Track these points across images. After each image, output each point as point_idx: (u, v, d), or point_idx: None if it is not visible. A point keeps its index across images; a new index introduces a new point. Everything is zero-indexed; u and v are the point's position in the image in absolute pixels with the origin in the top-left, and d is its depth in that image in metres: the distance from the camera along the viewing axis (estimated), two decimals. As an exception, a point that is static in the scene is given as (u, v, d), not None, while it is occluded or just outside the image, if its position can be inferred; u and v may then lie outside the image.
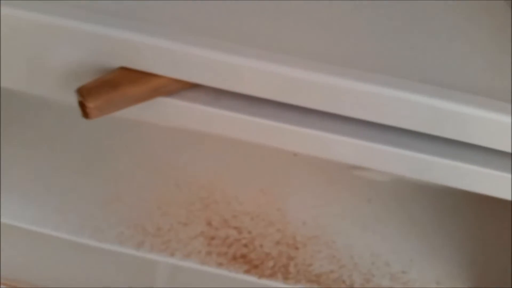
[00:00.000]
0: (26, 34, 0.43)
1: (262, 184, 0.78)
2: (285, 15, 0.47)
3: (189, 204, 0.76)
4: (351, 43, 0.45)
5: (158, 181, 0.78)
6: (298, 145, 0.48)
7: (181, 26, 0.43)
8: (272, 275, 0.70)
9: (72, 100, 0.43)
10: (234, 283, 0.70)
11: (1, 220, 0.69)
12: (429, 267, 0.74)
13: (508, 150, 0.44)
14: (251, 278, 0.70)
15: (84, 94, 0.41)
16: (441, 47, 0.47)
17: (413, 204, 0.79)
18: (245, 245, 0.72)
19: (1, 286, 0.77)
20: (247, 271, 0.70)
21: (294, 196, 0.77)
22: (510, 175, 0.46)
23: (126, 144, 0.81)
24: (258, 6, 0.47)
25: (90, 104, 0.41)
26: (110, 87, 0.42)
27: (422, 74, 0.43)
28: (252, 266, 0.71)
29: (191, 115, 0.46)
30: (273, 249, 0.72)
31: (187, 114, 0.46)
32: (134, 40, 0.41)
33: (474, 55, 0.47)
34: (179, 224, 0.74)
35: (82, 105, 0.42)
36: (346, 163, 0.49)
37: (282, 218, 0.75)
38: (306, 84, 0.41)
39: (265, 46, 0.42)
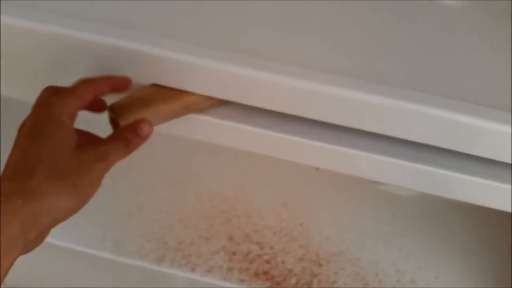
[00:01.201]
0: (54, 49, 0.43)
1: (284, 198, 0.77)
2: (309, 31, 0.46)
3: (211, 217, 0.75)
4: (367, 57, 0.44)
5: (179, 194, 0.77)
6: (324, 161, 0.47)
7: (212, 43, 0.42)
8: (295, 292, 0.69)
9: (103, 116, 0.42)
10: (257, 300, 0.69)
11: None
12: (455, 284, 0.72)
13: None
14: (274, 295, 0.69)
15: (117, 111, 0.40)
16: (460, 59, 0.45)
17: (439, 219, 0.77)
18: (267, 261, 0.71)
19: (21, 299, 0.76)
20: (269, 288, 0.69)
21: (317, 211, 0.76)
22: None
23: (148, 156, 0.80)
24: (287, 22, 0.46)
25: (123, 122, 0.40)
26: (142, 104, 0.41)
27: (440, 87, 0.42)
28: (275, 283, 0.69)
29: (220, 131, 0.45)
30: (295, 265, 0.71)
31: (217, 130, 0.45)
32: (166, 57, 0.40)
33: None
34: (200, 238, 0.73)
35: (113, 122, 0.41)
36: (368, 178, 0.48)
37: (305, 234, 0.74)
38: (334, 99, 0.41)
39: (292, 62, 0.41)
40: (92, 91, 0.39)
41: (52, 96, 0.38)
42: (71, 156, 0.36)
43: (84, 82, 0.39)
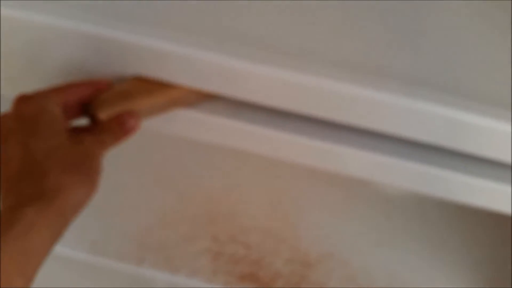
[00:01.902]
0: (32, 35, 0.39)
1: (273, 197, 0.74)
2: (304, 21, 0.42)
3: (194, 217, 0.71)
4: (365, 48, 0.41)
5: (161, 192, 0.73)
6: (318, 160, 0.44)
7: (200, 32, 0.38)
8: (283, 296, 0.65)
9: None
10: (242, 304, 0.65)
11: None
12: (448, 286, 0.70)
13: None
14: (261, 299, 0.65)
15: (96, 105, 0.37)
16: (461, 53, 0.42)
17: (432, 220, 0.75)
18: (254, 263, 0.67)
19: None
20: (256, 291, 0.66)
21: (307, 211, 0.73)
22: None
23: (128, 152, 0.76)
24: (284, 13, 0.42)
25: (102, 116, 0.36)
26: (123, 98, 0.37)
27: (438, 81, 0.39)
28: (262, 285, 0.66)
29: (208, 128, 0.41)
30: (284, 267, 0.67)
31: (205, 126, 0.41)
32: (149, 46, 0.37)
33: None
34: (183, 239, 0.69)
35: (93, 117, 0.38)
36: (363, 178, 0.46)
37: (293, 234, 0.70)
38: (327, 92, 0.38)
39: (285, 53, 0.38)
40: (74, 88, 0.38)
41: (33, 95, 0.36)
42: (72, 145, 0.35)
43: (65, 83, 0.38)
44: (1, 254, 0.30)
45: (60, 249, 0.66)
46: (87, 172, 0.35)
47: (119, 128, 0.38)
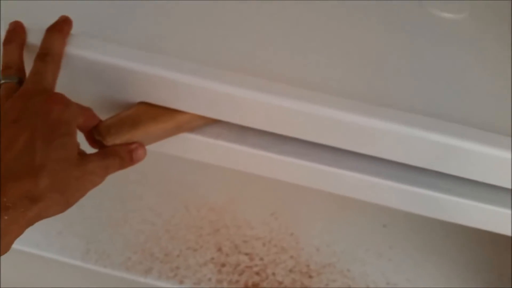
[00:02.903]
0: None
1: (273, 208, 0.76)
2: (308, 51, 0.44)
3: (199, 228, 0.73)
4: (362, 75, 0.43)
5: (166, 204, 0.75)
6: (320, 183, 0.46)
7: (206, 60, 0.40)
8: (285, 305, 0.68)
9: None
10: (246, 313, 0.68)
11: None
12: (444, 295, 0.71)
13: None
14: (264, 308, 0.67)
15: (103, 131, 0.38)
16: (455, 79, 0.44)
17: (429, 230, 0.77)
18: (257, 273, 0.70)
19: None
20: (259, 301, 0.68)
21: (307, 221, 0.75)
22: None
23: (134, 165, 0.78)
24: (287, 41, 0.44)
25: (110, 141, 0.38)
26: (130, 125, 0.39)
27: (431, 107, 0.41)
28: (264, 295, 0.68)
29: (213, 151, 0.43)
30: (286, 277, 0.70)
31: (210, 150, 0.43)
32: (156, 74, 0.38)
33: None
34: (188, 250, 0.71)
35: (98, 143, 0.39)
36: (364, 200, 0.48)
37: (295, 244, 0.72)
38: (328, 121, 0.39)
39: (289, 82, 0.39)
40: (92, 112, 0.39)
41: (67, 101, 0.37)
42: (73, 165, 0.36)
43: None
44: None
45: (69, 258, 0.69)
46: (68, 199, 0.36)
47: (128, 155, 0.40)
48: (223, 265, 0.70)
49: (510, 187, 0.41)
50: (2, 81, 0.38)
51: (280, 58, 0.42)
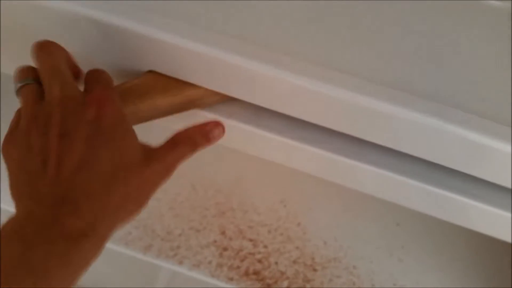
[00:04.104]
0: (40, 20, 0.37)
1: (283, 195, 0.73)
2: (335, 30, 0.40)
3: (204, 208, 0.71)
4: (397, 60, 0.39)
5: (173, 180, 0.72)
6: (335, 174, 0.43)
7: (225, 30, 0.36)
8: (285, 297, 0.65)
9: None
10: (244, 301, 0.65)
11: (2, 206, 0.64)
12: (453, 302, 0.68)
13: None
14: (263, 298, 0.65)
15: None
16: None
17: (444, 232, 0.73)
18: (259, 261, 0.67)
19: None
20: (259, 290, 0.65)
21: (317, 212, 0.72)
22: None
23: (144, 137, 0.76)
24: (315, 19, 0.40)
25: None
26: (136, 96, 0.36)
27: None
28: (265, 284, 0.66)
29: (227, 132, 0.40)
30: (289, 268, 0.67)
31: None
32: (168, 41, 0.35)
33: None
34: (191, 230, 0.69)
35: None
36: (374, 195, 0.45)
37: (302, 235, 0.69)
38: (351, 106, 0.35)
39: (315, 62, 0.36)
40: None
41: (109, 93, 0.33)
42: (142, 166, 0.33)
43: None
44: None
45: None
46: (146, 197, 0.34)
47: (205, 138, 0.37)
48: (225, 249, 0.67)
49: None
50: (19, 84, 0.34)
51: (300, 36, 0.39)
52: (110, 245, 0.67)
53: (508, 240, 0.44)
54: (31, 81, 0.34)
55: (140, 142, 0.34)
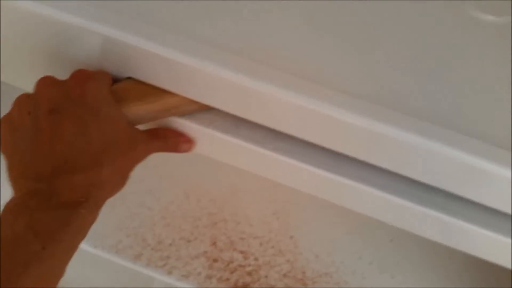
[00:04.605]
0: (30, 26, 0.38)
1: (276, 207, 0.72)
2: (322, 42, 0.40)
3: (196, 218, 0.70)
4: (388, 77, 0.38)
5: (167, 189, 0.72)
6: (318, 189, 0.43)
7: (204, 39, 0.36)
8: (274, 311, 0.64)
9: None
10: (232, 314, 0.64)
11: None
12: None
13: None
14: (251, 311, 0.64)
15: None
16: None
17: (438, 250, 0.72)
18: (249, 273, 0.66)
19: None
20: (247, 303, 0.64)
21: (310, 225, 0.71)
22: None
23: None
24: (297, 31, 0.40)
25: None
26: (115, 101, 0.36)
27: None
28: (254, 297, 0.65)
29: (202, 140, 0.40)
30: (279, 282, 0.66)
31: (199, 138, 0.40)
32: (146, 49, 0.35)
33: None
34: (181, 240, 0.68)
35: None
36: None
37: (293, 248, 0.69)
38: (335, 123, 0.35)
39: (297, 74, 0.35)
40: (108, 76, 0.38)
41: (91, 73, 0.36)
42: (127, 140, 0.35)
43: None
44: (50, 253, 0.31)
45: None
46: (127, 172, 0.36)
47: (174, 146, 0.39)
48: (215, 260, 0.67)
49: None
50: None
51: (288, 48, 0.38)
52: (100, 253, 0.67)
53: (508, 266, 0.43)
54: None
55: (124, 117, 0.36)
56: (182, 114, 0.39)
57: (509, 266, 0.42)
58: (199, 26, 0.37)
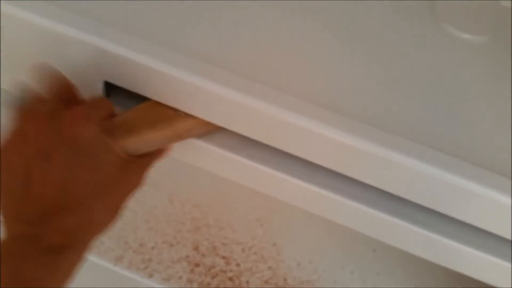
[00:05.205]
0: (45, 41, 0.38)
1: (261, 214, 0.72)
2: (327, 66, 0.40)
3: (179, 223, 0.70)
4: (372, 97, 0.39)
5: (151, 193, 0.72)
6: (324, 209, 0.43)
7: (215, 61, 0.37)
8: (254, 317, 0.64)
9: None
10: (212, 319, 0.64)
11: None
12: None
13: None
14: (231, 317, 0.64)
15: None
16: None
17: (420, 260, 0.72)
18: (231, 279, 0.66)
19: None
20: (227, 308, 0.64)
21: (293, 233, 0.71)
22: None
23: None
24: (301, 53, 0.41)
25: None
26: (125, 130, 0.36)
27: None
28: (234, 303, 0.65)
29: (210, 159, 0.41)
30: (260, 288, 0.66)
31: (207, 157, 0.41)
32: (156, 68, 0.35)
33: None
34: (164, 244, 0.68)
35: None
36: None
37: (276, 255, 0.69)
38: (339, 146, 0.36)
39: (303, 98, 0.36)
40: (106, 104, 0.37)
41: (84, 110, 0.34)
42: (118, 181, 0.35)
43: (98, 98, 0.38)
44: None
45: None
46: (121, 208, 0.36)
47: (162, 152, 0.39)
48: (197, 265, 0.67)
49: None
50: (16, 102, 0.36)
51: (292, 71, 0.39)
52: (82, 254, 0.66)
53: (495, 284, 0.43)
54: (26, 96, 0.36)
55: (116, 154, 0.35)
56: (193, 137, 0.39)
57: (495, 285, 0.43)
58: (202, 46, 0.38)
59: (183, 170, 0.76)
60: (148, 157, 0.38)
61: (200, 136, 0.40)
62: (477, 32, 0.48)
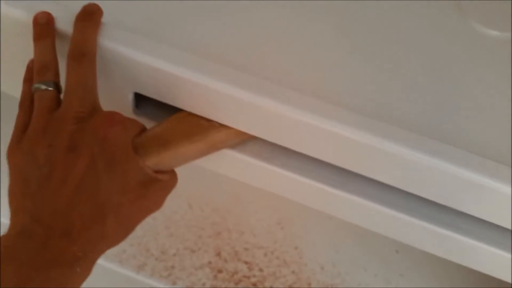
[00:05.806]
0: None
1: (280, 217, 0.72)
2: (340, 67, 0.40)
3: (200, 228, 0.70)
4: (395, 94, 0.38)
5: (170, 199, 0.71)
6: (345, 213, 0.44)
7: (255, 71, 0.36)
8: (279, 323, 0.64)
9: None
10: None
11: (1, 220, 0.64)
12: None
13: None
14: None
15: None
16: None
17: (444, 260, 0.71)
18: (254, 284, 0.66)
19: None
20: (252, 315, 0.64)
21: (315, 236, 0.70)
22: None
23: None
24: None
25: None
26: (160, 144, 0.35)
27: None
28: (259, 308, 0.64)
29: (241, 168, 0.41)
30: (284, 293, 0.65)
31: (238, 166, 0.40)
32: (192, 80, 0.35)
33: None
34: (186, 250, 0.68)
35: None
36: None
37: (298, 259, 0.68)
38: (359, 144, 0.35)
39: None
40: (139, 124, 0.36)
41: (123, 119, 0.34)
42: (137, 196, 0.33)
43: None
44: None
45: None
46: (134, 225, 0.34)
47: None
48: (220, 271, 0.66)
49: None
50: (37, 87, 0.34)
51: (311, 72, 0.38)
52: (104, 262, 0.66)
53: (509, 280, 0.42)
54: (51, 86, 0.34)
55: (142, 170, 0.34)
56: (226, 148, 0.39)
57: (509, 280, 0.42)
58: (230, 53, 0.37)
59: (200, 175, 0.75)
60: (173, 177, 0.37)
61: (232, 146, 0.39)
62: (504, 29, 0.47)
